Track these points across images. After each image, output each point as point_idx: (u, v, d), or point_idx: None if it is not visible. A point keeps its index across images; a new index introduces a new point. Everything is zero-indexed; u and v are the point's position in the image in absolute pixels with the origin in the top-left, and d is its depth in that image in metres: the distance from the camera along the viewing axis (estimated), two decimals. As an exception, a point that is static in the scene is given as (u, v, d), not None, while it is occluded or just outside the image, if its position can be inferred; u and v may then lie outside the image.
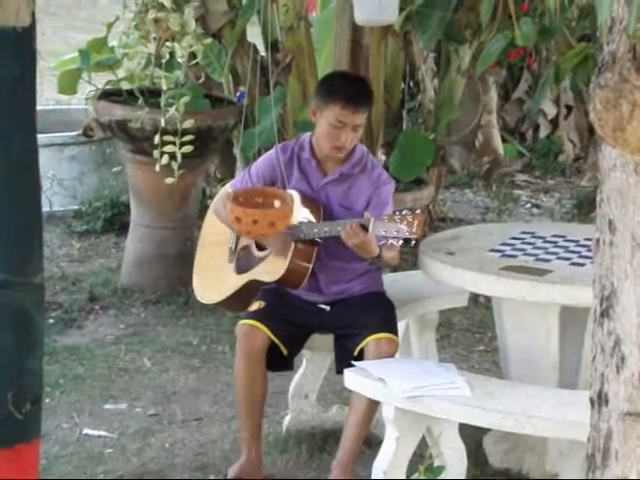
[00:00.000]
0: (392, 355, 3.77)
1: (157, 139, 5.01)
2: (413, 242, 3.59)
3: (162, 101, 5.04)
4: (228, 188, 4.04)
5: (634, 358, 2.13)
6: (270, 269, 3.89)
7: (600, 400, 2.20)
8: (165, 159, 5.04)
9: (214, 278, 4.07)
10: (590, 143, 7.82)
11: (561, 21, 5.54)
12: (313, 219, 3.85)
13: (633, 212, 2.11)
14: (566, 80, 7.17)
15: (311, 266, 3.84)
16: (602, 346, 2.19)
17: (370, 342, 3.76)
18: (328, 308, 3.94)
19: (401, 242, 3.58)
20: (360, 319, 3.83)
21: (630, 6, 1.78)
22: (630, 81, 2.00)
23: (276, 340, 3.81)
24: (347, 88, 3.87)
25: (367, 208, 3.83)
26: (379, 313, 3.88)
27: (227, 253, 4.05)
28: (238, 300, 4.01)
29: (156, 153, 5.00)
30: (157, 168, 5.04)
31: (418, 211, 3.60)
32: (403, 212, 3.60)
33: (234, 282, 3.98)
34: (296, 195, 3.86)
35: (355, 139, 3.86)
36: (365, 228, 3.64)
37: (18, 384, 2.58)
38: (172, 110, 4.96)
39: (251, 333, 3.81)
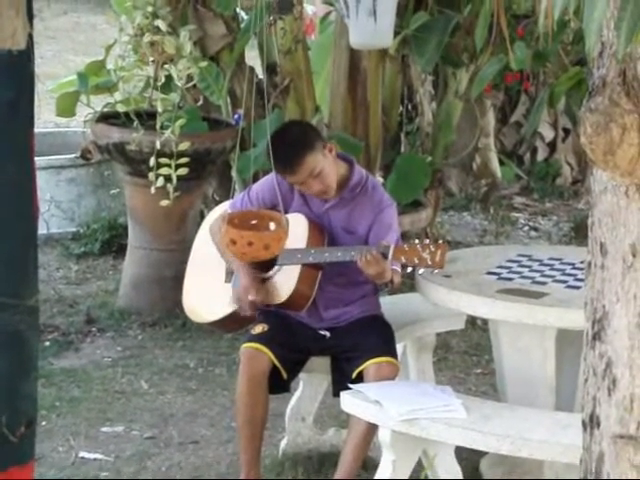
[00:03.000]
0: (392, 379, 3.76)
1: (152, 161, 5.03)
2: (436, 271, 3.63)
3: (157, 123, 5.06)
4: (227, 208, 4.04)
5: (625, 381, 2.13)
6: (274, 291, 3.88)
7: (592, 423, 2.21)
8: (161, 181, 5.05)
9: (209, 298, 4.05)
10: (588, 166, 7.83)
11: (555, 45, 5.57)
12: (317, 241, 3.85)
13: (624, 235, 2.11)
14: (563, 103, 7.20)
15: (314, 291, 3.84)
16: (594, 369, 2.19)
17: (370, 366, 3.75)
18: (328, 334, 3.94)
19: (422, 270, 3.61)
20: (359, 342, 3.83)
21: (619, 31, 1.79)
22: (620, 105, 2.01)
23: (278, 364, 3.80)
24: (274, 158, 3.71)
25: (370, 232, 3.83)
26: (379, 336, 3.87)
27: (224, 273, 4.04)
28: (233, 321, 4.00)
29: (152, 175, 5.02)
30: (152, 190, 5.06)
31: (441, 241, 3.64)
32: (425, 241, 3.63)
33: (232, 303, 3.97)
34: (303, 218, 3.86)
35: (326, 177, 3.80)
36: (385, 256, 3.64)
37: (12, 407, 2.58)
38: (168, 132, 4.98)
39: (255, 356, 3.79)
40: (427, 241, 3.64)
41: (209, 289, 4.05)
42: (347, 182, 3.91)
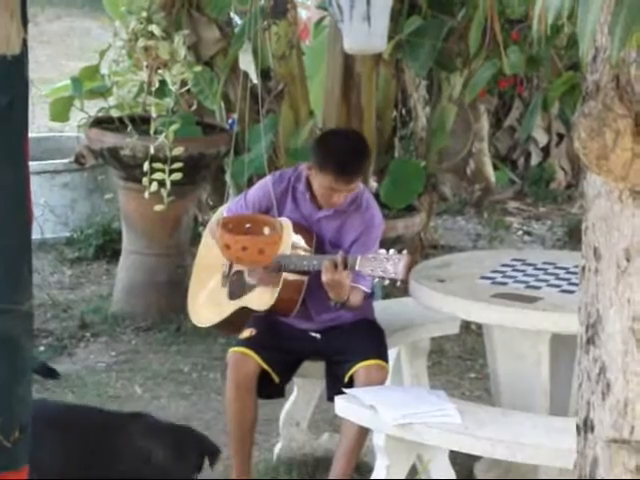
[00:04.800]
0: (382, 382, 3.77)
1: (146, 166, 5.04)
2: (398, 283, 3.60)
3: (151, 128, 5.07)
4: (223, 211, 4.05)
5: (619, 385, 2.13)
6: (260, 298, 3.88)
7: (586, 427, 2.21)
8: (155, 186, 5.05)
9: (207, 301, 4.07)
10: (581, 171, 7.84)
11: (549, 50, 5.59)
12: (305, 246, 3.85)
13: (618, 239, 2.12)
14: (557, 108, 7.21)
15: (301, 296, 3.84)
16: (588, 373, 2.20)
17: (360, 369, 3.76)
18: (319, 336, 3.95)
19: (387, 282, 3.59)
20: (350, 346, 3.84)
21: (613, 36, 1.80)
22: (614, 110, 2.01)
23: (267, 367, 3.81)
24: (341, 159, 3.76)
25: (352, 247, 3.81)
26: (369, 340, 3.88)
27: (221, 277, 4.05)
28: (230, 325, 4.01)
29: (145, 180, 5.02)
30: (146, 195, 5.06)
31: (405, 252, 3.60)
32: (390, 252, 3.60)
33: (226, 308, 3.98)
34: (288, 222, 3.86)
35: (350, 195, 3.84)
36: (352, 266, 3.63)
37: (6, 412, 2.58)
38: (161, 137, 4.99)
39: (241, 361, 3.81)
40: (391, 251, 3.60)
41: (207, 293, 4.07)
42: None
